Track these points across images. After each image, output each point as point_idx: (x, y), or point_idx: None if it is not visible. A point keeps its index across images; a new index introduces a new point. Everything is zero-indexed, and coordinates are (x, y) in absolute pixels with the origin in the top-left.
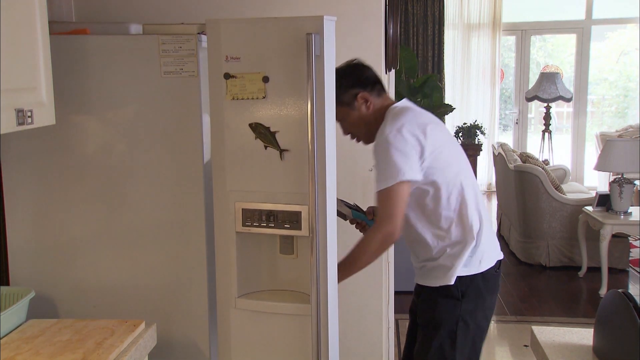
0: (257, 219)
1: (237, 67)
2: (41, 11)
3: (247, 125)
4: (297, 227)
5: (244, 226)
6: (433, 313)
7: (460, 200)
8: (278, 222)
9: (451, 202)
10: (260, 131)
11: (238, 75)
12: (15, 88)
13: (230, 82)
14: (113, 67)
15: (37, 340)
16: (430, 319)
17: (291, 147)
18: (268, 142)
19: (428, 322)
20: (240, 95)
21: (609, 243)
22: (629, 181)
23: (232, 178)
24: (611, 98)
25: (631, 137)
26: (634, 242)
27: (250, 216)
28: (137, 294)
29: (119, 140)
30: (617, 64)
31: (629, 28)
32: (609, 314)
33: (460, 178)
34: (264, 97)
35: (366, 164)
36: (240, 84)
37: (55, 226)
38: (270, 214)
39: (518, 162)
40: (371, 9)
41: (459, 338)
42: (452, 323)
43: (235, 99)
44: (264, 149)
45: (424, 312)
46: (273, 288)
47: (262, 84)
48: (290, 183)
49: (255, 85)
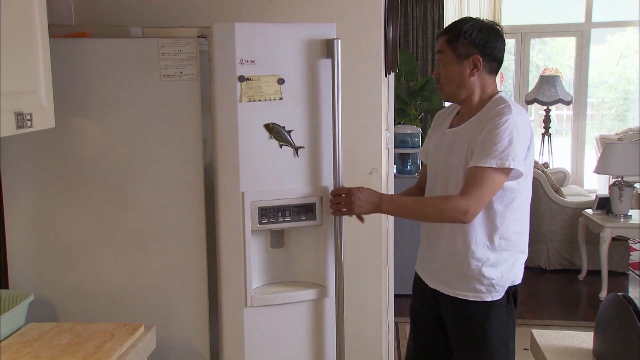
0: (274, 215)
1: (253, 70)
2: (41, 14)
3: (260, 126)
4: (312, 217)
5: (260, 224)
6: (486, 325)
7: (526, 211)
8: (294, 215)
9: (521, 210)
10: (277, 131)
11: (254, 78)
12: (14, 91)
13: (246, 84)
14: (113, 70)
15: (36, 343)
16: (482, 333)
17: (305, 144)
18: (284, 140)
19: (479, 335)
20: (256, 97)
21: (609, 246)
22: (628, 184)
23: (245, 178)
24: (611, 101)
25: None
26: (634, 245)
27: (265, 214)
28: (136, 297)
29: (118, 143)
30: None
31: (628, 31)
32: (609, 317)
33: (530, 190)
34: (280, 98)
35: (366, 166)
36: (256, 86)
37: (55, 229)
38: (286, 209)
39: None
40: (371, 12)
41: (509, 345)
42: (503, 333)
43: (252, 101)
44: (279, 148)
45: (477, 326)
46: (271, 282)
47: (278, 85)
48: (305, 177)
49: (271, 87)
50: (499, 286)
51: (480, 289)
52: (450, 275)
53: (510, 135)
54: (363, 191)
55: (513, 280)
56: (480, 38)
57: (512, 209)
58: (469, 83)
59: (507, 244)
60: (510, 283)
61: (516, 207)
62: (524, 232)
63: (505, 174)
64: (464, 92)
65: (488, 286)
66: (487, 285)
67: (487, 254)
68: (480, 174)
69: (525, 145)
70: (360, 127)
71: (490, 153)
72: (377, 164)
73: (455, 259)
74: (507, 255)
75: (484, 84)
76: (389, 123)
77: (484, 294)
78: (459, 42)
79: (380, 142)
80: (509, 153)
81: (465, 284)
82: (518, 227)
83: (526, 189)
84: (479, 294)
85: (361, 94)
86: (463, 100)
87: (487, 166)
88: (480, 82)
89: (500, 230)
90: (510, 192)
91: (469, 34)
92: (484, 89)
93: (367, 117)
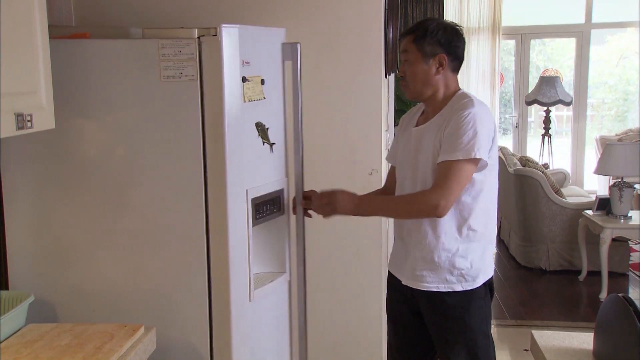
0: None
1: (249, 71)
2: (41, 15)
3: (253, 125)
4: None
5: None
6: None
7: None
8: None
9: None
10: (261, 129)
11: (250, 79)
12: (15, 92)
13: (246, 85)
14: (113, 71)
15: (36, 344)
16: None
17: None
18: (265, 137)
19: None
20: (253, 97)
21: (609, 247)
22: (628, 185)
23: (248, 176)
24: (611, 102)
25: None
26: (634, 246)
27: (259, 209)
28: (136, 298)
29: (118, 144)
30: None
31: (628, 32)
32: (609, 318)
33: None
34: (264, 98)
35: (366, 167)
36: (252, 87)
37: (55, 230)
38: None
39: (518, 166)
40: (371, 13)
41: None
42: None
43: (250, 101)
44: (262, 145)
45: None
46: None
47: (260, 86)
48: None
49: (258, 87)
50: (469, 276)
51: (451, 279)
52: (423, 270)
53: (474, 127)
54: (343, 192)
55: (485, 270)
56: (445, 37)
57: (479, 200)
58: (434, 81)
59: (475, 234)
60: (481, 273)
61: (482, 198)
62: (491, 223)
63: (473, 164)
64: (429, 90)
65: (458, 276)
66: (457, 275)
67: (456, 245)
68: (448, 168)
69: (490, 136)
70: (360, 128)
71: (456, 146)
72: (377, 164)
73: (427, 252)
74: (475, 245)
75: (448, 81)
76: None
77: (454, 284)
78: (425, 41)
79: (380, 142)
80: (474, 144)
81: (436, 277)
82: (485, 218)
83: (493, 181)
84: (450, 284)
85: (361, 94)
86: (428, 98)
87: (454, 159)
88: (445, 79)
89: (468, 221)
90: (477, 184)
91: (435, 34)
92: (447, 87)
93: (367, 117)
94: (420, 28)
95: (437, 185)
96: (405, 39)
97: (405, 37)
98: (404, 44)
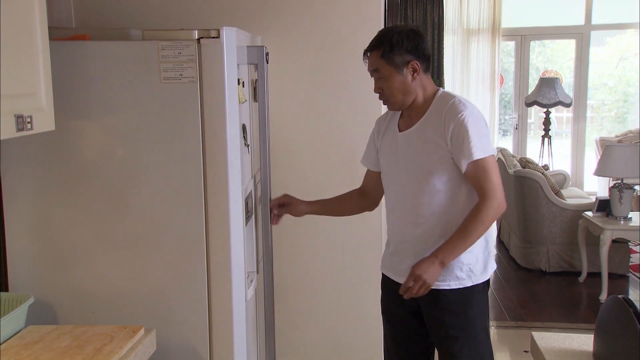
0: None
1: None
2: (41, 17)
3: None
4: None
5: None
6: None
7: None
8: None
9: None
10: (244, 129)
11: (239, 81)
12: (14, 94)
13: (239, 87)
14: (113, 73)
15: (36, 346)
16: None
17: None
18: (245, 139)
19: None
20: (241, 99)
21: (609, 248)
22: (628, 186)
23: (243, 177)
24: (611, 103)
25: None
26: (634, 247)
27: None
28: (136, 299)
29: (118, 146)
30: (616, 69)
31: (628, 33)
32: (609, 320)
33: None
34: (246, 100)
35: None
36: (241, 89)
37: (55, 232)
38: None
39: (518, 167)
40: (370, 14)
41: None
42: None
43: (241, 103)
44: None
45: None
46: None
47: (241, 87)
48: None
49: (241, 90)
50: (476, 269)
51: (461, 275)
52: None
53: (481, 125)
54: (423, 266)
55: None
56: (411, 44)
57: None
58: (412, 88)
59: None
60: (488, 265)
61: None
62: None
63: (493, 158)
64: (410, 97)
65: (468, 272)
66: (466, 271)
67: None
68: (484, 166)
69: (488, 133)
70: (360, 128)
71: (476, 146)
72: None
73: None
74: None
75: (424, 83)
76: None
77: (464, 280)
78: (394, 53)
79: None
80: (488, 141)
81: (446, 275)
82: None
83: None
84: (460, 281)
85: (361, 95)
86: (410, 104)
87: (484, 157)
88: (421, 82)
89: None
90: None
91: (401, 44)
92: (425, 89)
93: (367, 118)
94: (385, 42)
95: (483, 187)
96: (372, 57)
97: (371, 55)
98: (372, 63)
